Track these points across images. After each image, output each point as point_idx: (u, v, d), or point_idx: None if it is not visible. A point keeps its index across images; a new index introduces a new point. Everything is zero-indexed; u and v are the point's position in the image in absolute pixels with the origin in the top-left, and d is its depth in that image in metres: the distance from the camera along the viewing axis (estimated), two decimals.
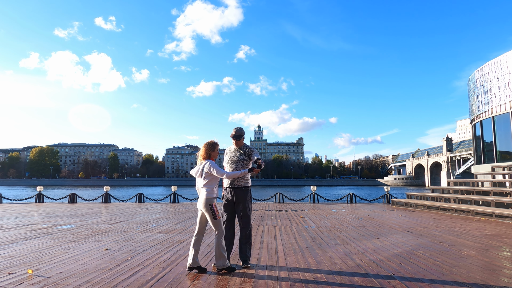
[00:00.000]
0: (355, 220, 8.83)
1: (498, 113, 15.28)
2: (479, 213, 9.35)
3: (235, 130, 4.23)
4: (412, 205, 12.22)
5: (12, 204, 15.29)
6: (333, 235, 6.37)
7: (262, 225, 7.91)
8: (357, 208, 12.60)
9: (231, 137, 4.25)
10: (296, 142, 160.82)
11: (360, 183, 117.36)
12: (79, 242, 5.64)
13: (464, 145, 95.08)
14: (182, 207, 12.93)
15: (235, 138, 4.21)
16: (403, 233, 6.61)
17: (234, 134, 4.21)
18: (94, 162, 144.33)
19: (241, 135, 4.21)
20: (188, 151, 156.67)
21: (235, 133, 4.21)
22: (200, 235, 3.88)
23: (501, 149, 15.19)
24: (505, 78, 15.32)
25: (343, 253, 4.79)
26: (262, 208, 12.54)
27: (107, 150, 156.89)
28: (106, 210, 11.72)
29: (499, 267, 4.03)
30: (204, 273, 3.74)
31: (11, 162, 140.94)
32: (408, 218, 9.14)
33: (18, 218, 9.21)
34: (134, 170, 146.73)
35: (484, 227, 7.49)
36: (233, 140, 4.24)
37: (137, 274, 3.69)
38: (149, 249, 5.08)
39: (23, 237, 6.15)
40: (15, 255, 4.69)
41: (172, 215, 10.20)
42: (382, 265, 4.13)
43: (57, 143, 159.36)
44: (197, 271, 3.78)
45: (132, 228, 7.32)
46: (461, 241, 5.73)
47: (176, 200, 16.15)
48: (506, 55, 15.38)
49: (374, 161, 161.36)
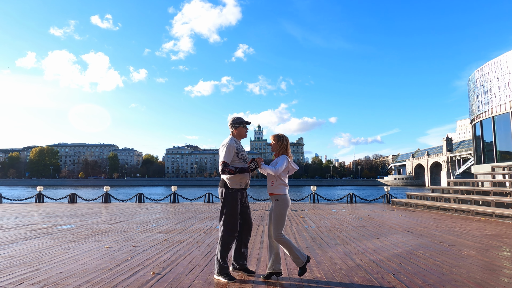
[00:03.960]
0: (355, 220, 8.83)
1: (498, 113, 15.28)
2: (479, 213, 9.35)
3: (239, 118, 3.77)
4: (412, 205, 12.21)
5: (12, 204, 15.28)
6: (333, 235, 6.37)
7: (262, 225, 7.91)
8: (357, 208, 12.60)
9: (244, 125, 3.72)
10: (296, 142, 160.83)
11: (360, 183, 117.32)
12: (79, 242, 5.64)
13: (464, 145, 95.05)
14: (182, 207, 12.93)
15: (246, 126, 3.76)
16: (403, 233, 6.61)
17: (247, 121, 3.72)
18: (94, 162, 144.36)
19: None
20: (188, 151, 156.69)
21: (245, 120, 3.74)
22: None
23: (501, 149, 15.19)
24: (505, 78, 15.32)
25: (343, 253, 4.79)
26: (262, 208, 12.54)
27: (107, 150, 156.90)
28: (106, 210, 11.72)
29: (499, 267, 4.03)
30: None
31: (11, 162, 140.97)
32: (408, 218, 9.14)
33: (18, 218, 9.21)
34: (134, 170, 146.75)
35: (484, 227, 7.49)
36: (245, 129, 3.75)
37: (137, 274, 3.69)
38: (149, 249, 5.08)
39: (23, 237, 6.15)
40: (15, 255, 4.69)
41: (172, 215, 10.20)
42: (382, 265, 4.13)
43: (57, 143, 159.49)
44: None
45: (132, 228, 7.32)
46: (461, 241, 5.73)
47: (176, 200, 16.15)
48: (506, 55, 15.39)
49: (374, 161, 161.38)
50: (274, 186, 3.47)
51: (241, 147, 3.71)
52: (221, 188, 3.63)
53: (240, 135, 3.73)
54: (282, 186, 3.48)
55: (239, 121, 3.72)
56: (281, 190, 3.47)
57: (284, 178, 3.51)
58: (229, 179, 3.57)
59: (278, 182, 3.47)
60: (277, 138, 3.64)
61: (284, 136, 3.66)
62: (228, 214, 3.54)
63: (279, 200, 3.45)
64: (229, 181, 3.57)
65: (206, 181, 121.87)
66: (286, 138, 3.67)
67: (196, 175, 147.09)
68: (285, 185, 3.52)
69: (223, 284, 3.37)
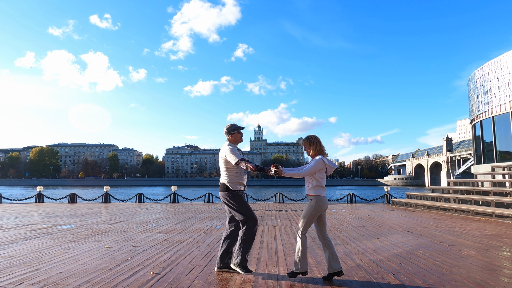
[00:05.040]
0: (355, 220, 8.83)
1: (498, 113, 15.29)
2: (479, 213, 9.36)
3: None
4: (412, 205, 12.22)
5: (12, 204, 15.29)
6: (333, 235, 6.37)
7: (262, 225, 7.91)
8: (357, 208, 12.60)
9: (238, 131, 3.83)
10: (296, 142, 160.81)
11: (360, 183, 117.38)
12: (79, 242, 5.64)
13: (464, 145, 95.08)
14: (182, 207, 12.94)
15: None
16: (403, 233, 6.61)
17: (241, 127, 3.83)
18: (94, 162, 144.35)
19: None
20: (188, 151, 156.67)
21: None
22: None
23: (501, 149, 15.19)
24: (505, 78, 15.32)
25: (343, 253, 4.79)
26: (262, 208, 12.54)
27: (107, 150, 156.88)
28: (106, 210, 11.72)
29: (499, 267, 4.03)
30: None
31: (11, 162, 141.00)
32: (408, 218, 9.14)
33: (18, 218, 9.21)
34: (134, 170, 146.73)
35: (484, 227, 7.49)
36: (240, 135, 3.86)
37: (137, 274, 3.69)
38: (149, 249, 5.08)
39: (23, 237, 6.15)
40: (15, 255, 4.69)
41: (172, 215, 10.20)
42: (382, 265, 4.13)
43: (57, 143, 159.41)
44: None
45: (132, 228, 7.32)
46: (461, 241, 5.73)
47: (176, 200, 16.16)
48: (506, 55, 15.39)
49: (374, 161, 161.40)
50: (310, 188, 3.49)
51: (238, 151, 3.78)
52: (223, 192, 3.69)
53: (236, 140, 3.84)
54: (317, 188, 3.47)
55: (234, 127, 3.83)
56: (316, 191, 3.47)
57: (321, 179, 3.49)
58: (230, 182, 3.66)
59: (314, 184, 3.47)
60: (307, 141, 3.62)
61: (313, 137, 3.62)
62: (243, 208, 3.64)
63: (312, 201, 3.47)
64: (231, 184, 3.66)
65: (206, 181, 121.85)
66: (316, 138, 3.61)
67: (196, 175, 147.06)
68: (321, 186, 3.49)
69: (223, 283, 3.37)
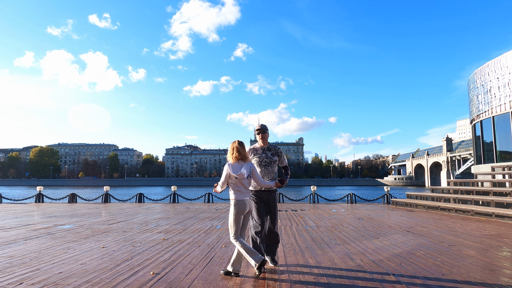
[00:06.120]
0: (355, 220, 8.83)
1: (498, 113, 15.29)
2: (479, 213, 9.35)
3: (260, 125, 3.80)
4: (412, 205, 12.22)
5: (12, 204, 15.28)
6: (333, 235, 6.37)
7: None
8: (357, 208, 12.60)
9: (256, 133, 3.80)
10: (296, 142, 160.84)
11: (360, 183, 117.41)
12: (79, 242, 5.64)
13: (464, 145, 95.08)
14: (182, 207, 12.93)
15: (262, 132, 3.76)
16: (403, 233, 6.61)
17: (260, 129, 3.73)
18: (94, 162, 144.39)
19: (267, 129, 3.81)
20: (188, 151, 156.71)
21: (261, 127, 3.75)
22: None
23: (501, 149, 15.20)
24: (505, 78, 15.32)
25: (343, 253, 4.79)
26: None
27: (107, 150, 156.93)
28: (106, 210, 11.72)
29: (499, 267, 4.03)
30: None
31: (11, 162, 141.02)
32: (408, 218, 9.14)
33: (18, 218, 9.21)
34: (134, 170, 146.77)
35: (484, 227, 7.49)
36: (260, 135, 3.78)
37: (137, 274, 3.70)
38: (149, 249, 5.08)
39: (23, 237, 6.15)
40: (15, 255, 4.69)
41: (172, 215, 10.20)
42: (382, 265, 4.13)
43: (57, 143, 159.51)
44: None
45: (132, 228, 7.32)
46: (461, 241, 5.73)
47: (176, 200, 16.16)
48: (506, 55, 15.39)
49: (374, 161, 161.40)
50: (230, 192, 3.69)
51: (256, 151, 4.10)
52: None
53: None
54: (235, 192, 3.59)
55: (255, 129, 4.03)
56: (233, 195, 3.59)
57: (236, 184, 3.56)
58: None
59: (230, 188, 3.63)
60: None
61: (232, 143, 3.52)
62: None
63: (231, 204, 3.65)
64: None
65: (206, 181, 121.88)
66: (232, 144, 3.51)
67: (196, 175, 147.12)
68: (237, 190, 3.55)
69: (224, 283, 3.38)
